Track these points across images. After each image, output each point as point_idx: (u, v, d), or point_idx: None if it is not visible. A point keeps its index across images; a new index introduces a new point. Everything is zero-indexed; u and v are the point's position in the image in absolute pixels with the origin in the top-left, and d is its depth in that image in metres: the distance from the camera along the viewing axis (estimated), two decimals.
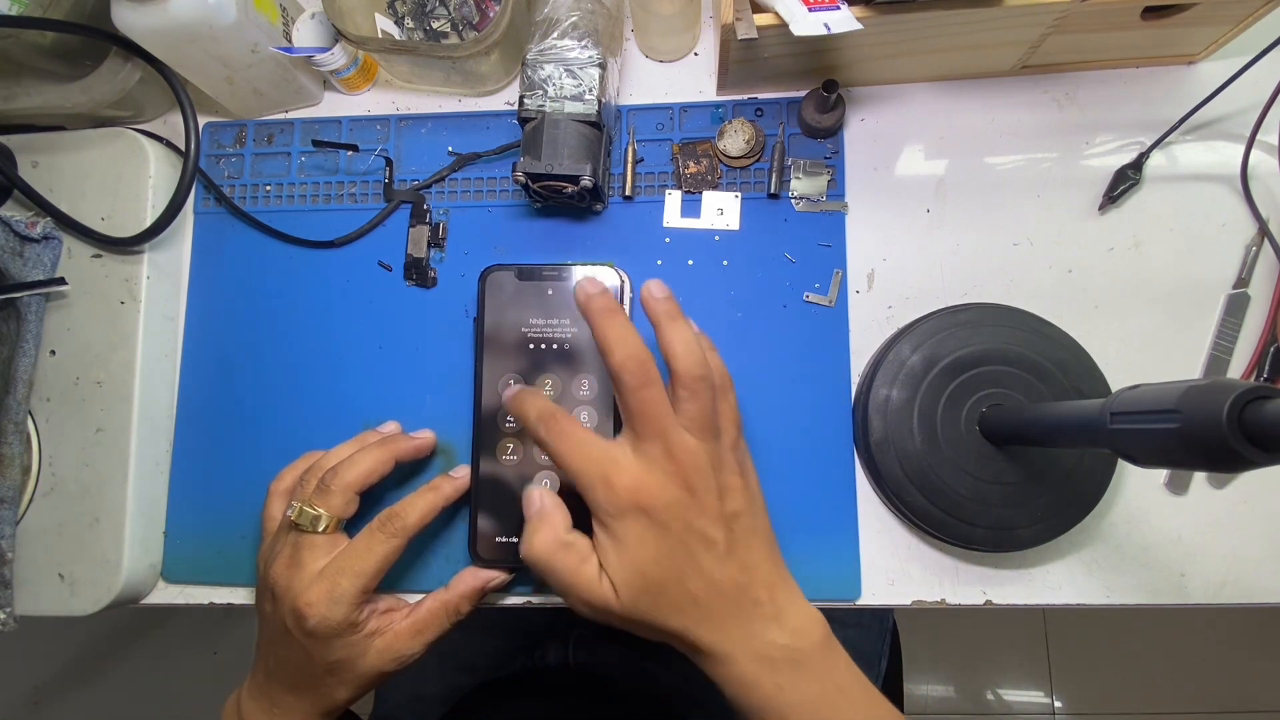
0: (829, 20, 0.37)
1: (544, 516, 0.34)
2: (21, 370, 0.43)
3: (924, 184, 0.46)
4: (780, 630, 0.33)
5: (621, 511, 0.32)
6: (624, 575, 0.32)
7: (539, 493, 0.35)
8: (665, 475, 0.32)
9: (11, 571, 0.43)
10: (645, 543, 0.32)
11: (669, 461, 0.32)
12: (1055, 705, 1.26)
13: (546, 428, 0.33)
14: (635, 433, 0.33)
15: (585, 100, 0.41)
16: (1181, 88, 0.45)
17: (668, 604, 0.32)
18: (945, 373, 0.40)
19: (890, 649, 0.63)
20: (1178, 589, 0.41)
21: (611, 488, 0.32)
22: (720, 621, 0.32)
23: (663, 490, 0.32)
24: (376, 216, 0.47)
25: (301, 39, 0.46)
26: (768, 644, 0.32)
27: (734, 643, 0.32)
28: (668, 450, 0.32)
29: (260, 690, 0.40)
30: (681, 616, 0.32)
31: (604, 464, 0.32)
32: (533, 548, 0.33)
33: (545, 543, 0.33)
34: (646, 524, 0.32)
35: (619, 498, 0.32)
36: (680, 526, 0.32)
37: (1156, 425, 0.25)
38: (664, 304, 0.34)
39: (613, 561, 0.32)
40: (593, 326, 0.33)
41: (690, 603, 0.32)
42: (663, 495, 0.32)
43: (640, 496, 0.31)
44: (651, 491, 0.32)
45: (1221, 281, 0.43)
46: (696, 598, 0.32)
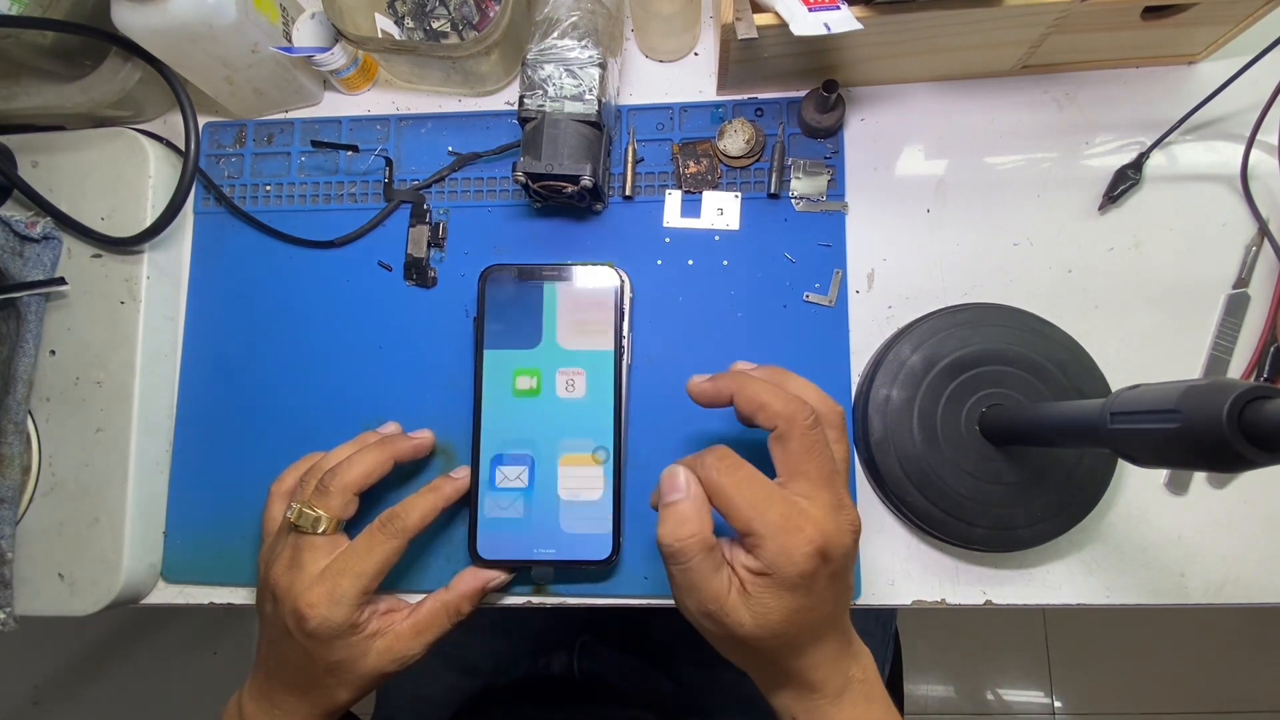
0: (829, 20, 0.37)
1: (693, 508, 0.31)
2: (21, 370, 0.43)
3: (924, 184, 0.46)
4: (857, 665, 0.33)
5: (807, 561, 0.30)
6: (775, 617, 0.30)
7: (685, 477, 0.32)
8: (842, 524, 0.31)
9: (11, 571, 0.43)
10: (812, 591, 0.31)
11: (840, 510, 0.31)
12: (1055, 705, 1.26)
13: (719, 470, 0.31)
14: (807, 477, 0.31)
15: (585, 100, 0.41)
16: (1181, 88, 0.45)
17: (796, 645, 0.32)
18: (945, 373, 0.40)
19: (893, 654, 0.63)
20: (1178, 589, 0.41)
21: (798, 532, 0.30)
22: (830, 660, 0.32)
23: (842, 538, 0.31)
24: (376, 216, 0.47)
25: (301, 39, 0.46)
26: (852, 679, 0.33)
27: (836, 679, 0.33)
28: (838, 498, 0.31)
29: (261, 691, 0.40)
30: (801, 657, 0.32)
31: (787, 508, 0.30)
32: (680, 539, 0.31)
33: (694, 539, 0.31)
34: (825, 575, 0.31)
35: (804, 545, 0.30)
36: (843, 574, 0.32)
37: (1156, 425, 0.25)
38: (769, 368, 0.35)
39: (768, 603, 0.30)
40: (735, 394, 0.33)
41: (814, 643, 0.32)
42: (842, 544, 0.31)
43: (824, 545, 0.30)
44: (835, 541, 0.31)
45: (1221, 281, 0.43)
46: (820, 638, 0.32)
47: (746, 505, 0.31)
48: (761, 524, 0.30)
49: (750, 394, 0.33)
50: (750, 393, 0.33)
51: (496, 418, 0.42)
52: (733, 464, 0.32)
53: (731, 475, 0.31)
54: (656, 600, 0.42)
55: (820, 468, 0.31)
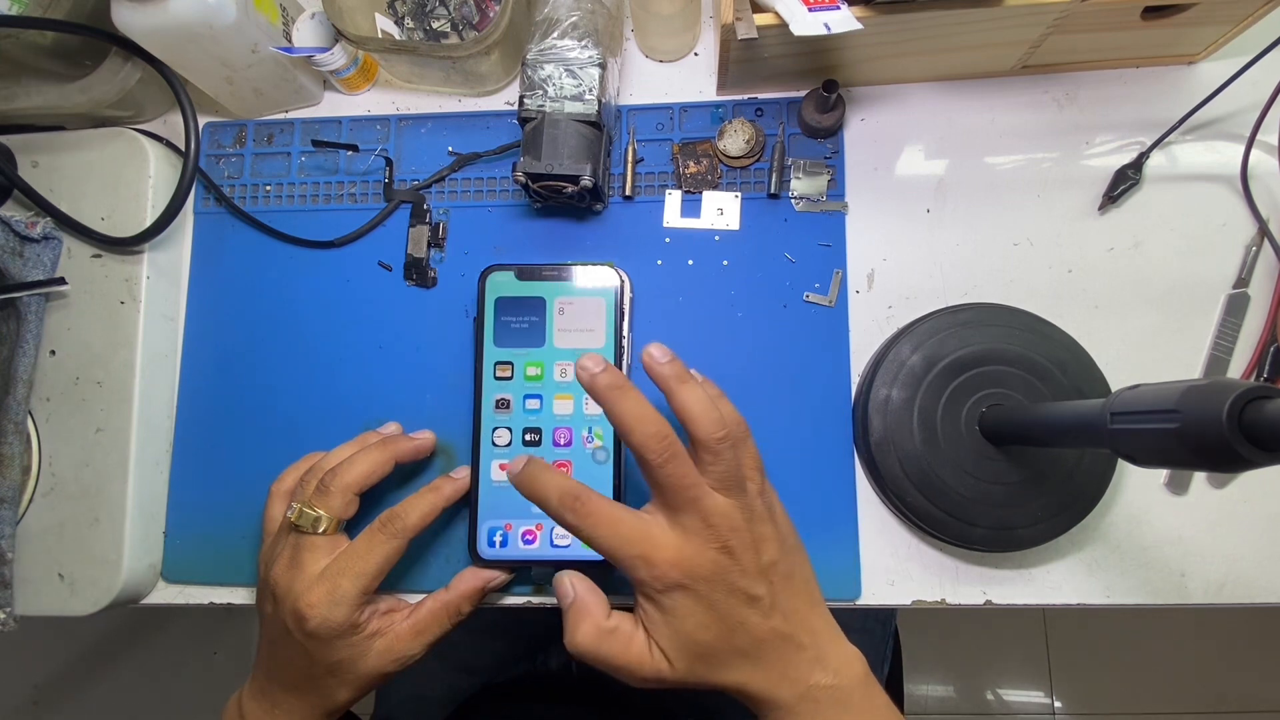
0: (829, 20, 0.37)
1: (582, 609, 0.33)
2: (21, 370, 0.43)
3: (924, 184, 0.46)
4: (824, 671, 0.33)
5: (666, 586, 0.31)
6: (676, 645, 0.32)
7: (569, 580, 0.34)
8: (704, 543, 0.32)
9: (11, 571, 0.43)
10: (693, 612, 0.32)
11: (706, 529, 0.32)
12: (1055, 705, 1.26)
13: (573, 511, 0.32)
14: (668, 505, 0.32)
15: (585, 100, 0.41)
16: (1181, 88, 0.45)
17: (720, 664, 0.32)
18: (945, 373, 0.40)
19: (892, 653, 0.63)
20: (1178, 589, 0.41)
21: (653, 564, 0.31)
22: (770, 671, 0.33)
23: (703, 559, 0.32)
24: (376, 216, 0.47)
25: (301, 39, 0.46)
26: (814, 686, 0.33)
27: (784, 689, 0.33)
28: (703, 518, 0.32)
29: (261, 691, 0.40)
30: (734, 673, 0.33)
31: (641, 543, 0.32)
32: (577, 642, 0.32)
33: (589, 635, 0.32)
34: (691, 595, 0.32)
35: (662, 573, 0.31)
36: (724, 590, 0.32)
37: (1156, 425, 0.25)
38: (669, 367, 0.34)
39: (664, 634, 0.32)
40: (604, 406, 0.33)
41: (740, 658, 0.32)
42: (704, 564, 0.32)
43: (683, 569, 0.31)
44: (693, 562, 0.31)
45: (1221, 281, 0.43)
46: (745, 652, 0.32)
47: (607, 543, 0.32)
48: (621, 556, 0.32)
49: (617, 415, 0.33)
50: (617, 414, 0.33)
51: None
52: (589, 508, 0.32)
53: (590, 522, 0.32)
54: None
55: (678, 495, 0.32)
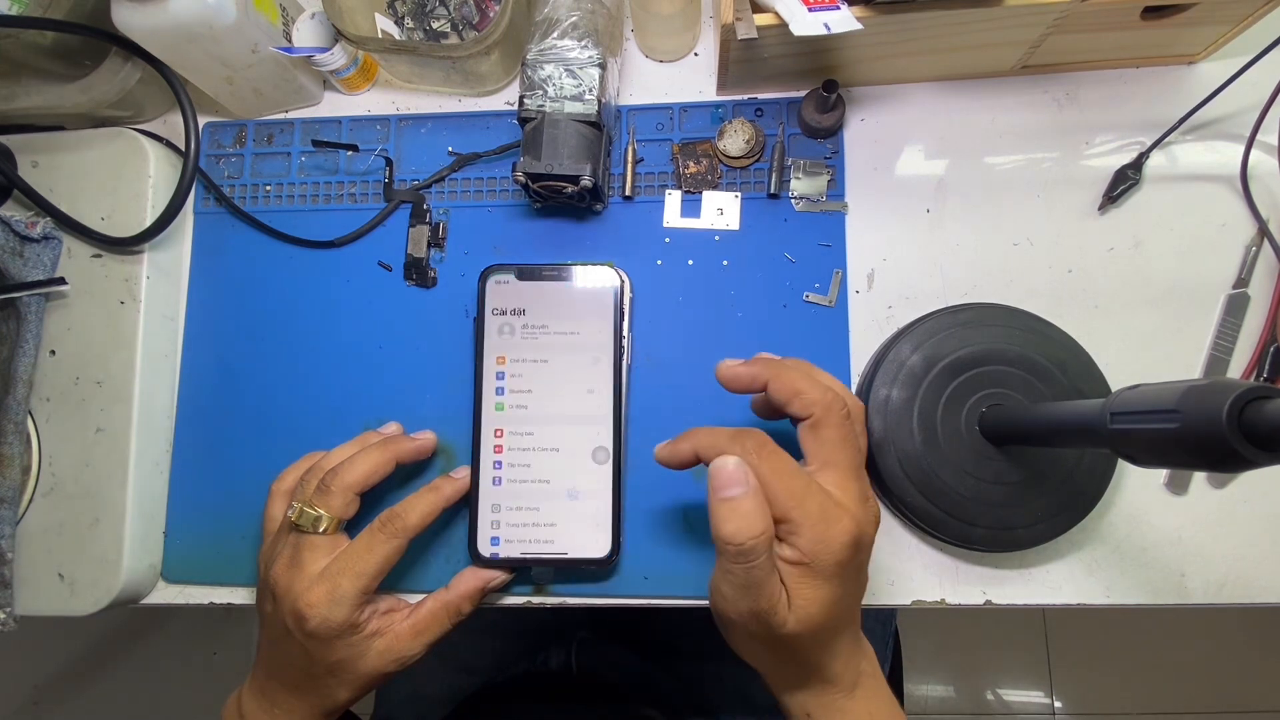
0: (829, 20, 0.37)
1: (757, 504, 0.30)
2: (21, 370, 0.43)
3: (924, 184, 0.46)
4: (865, 658, 0.34)
5: (844, 550, 0.30)
6: (814, 611, 0.30)
7: (743, 471, 0.30)
8: (869, 515, 0.32)
9: (11, 571, 0.43)
10: (846, 581, 0.31)
11: (866, 501, 0.32)
12: (1055, 705, 1.26)
13: (759, 455, 0.31)
14: (839, 468, 0.32)
15: (585, 100, 0.41)
16: (1181, 88, 0.45)
17: (824, 640, 0.32)
18: (945, 373, 0.40)
19: (893, 653, 0.63)
20: (1178, 589, 0.41)
21: (835, 522, 0.30)
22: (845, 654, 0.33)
23: (870, 529, 0.32)
24: (376, 216, 0.47)
25: (301, 39, 0.46)
26: (863, 673, 0.33)
27: (850, 673, 0.33)
28: (864, 489, 0.32)
29: (261, 690, 0.40)
30: (824, 652, 0.32)
31: (824, 498, 0.31)
32: (751, 534, 0.29)
33: (764, 533, 0.30)
34: (855, 566, 0.31)
35: (840, 534, 0.30)
36: (866, 565, 0.32)
37: (1156, 425, 0.25)
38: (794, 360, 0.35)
39: (809, 596, 0.30)
40: (771, 380, 0.33)
41: (835, 638, 0.32)
42: (869, 534, 0.32)
43: (857, 534, 0.31)
44: (866, 532, 0.31)
45: (1221, 281, 0.43)
46: (839, 633, 0.32)
47: (786, 493, 0.30)
48: (801, 513, 0.30)
49: (786, 381, 0.33)
50: (787, 380, 0.33)
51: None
52: (772, 451, 0.31)
53: (771, 462, 0.31)
54: (656, 600, 0.42)
55: (851, 459, 0.32)
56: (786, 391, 0.33)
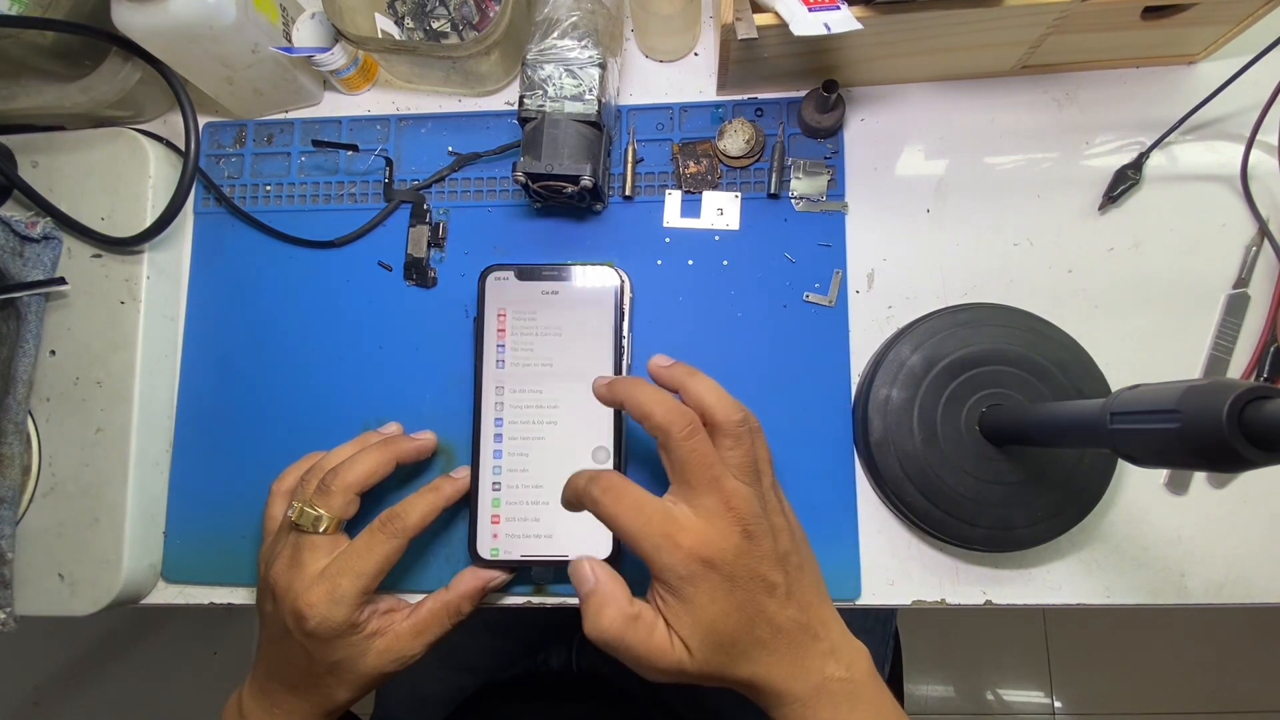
0: (829, 20, 0.37)
1: (606, 595, 0.32)
2: (21, 370, 0.43)
3: (924, 184, 0.46)
4: (837, 664, 0.33)
5: (690, 571, 0.31)
6: (698, 635, 0.31)
7: (589, 565, 0.33)
8: (726, 526, 0.31)
9: (11, 571, 0.43)
10: (715, 599, 0.31)
11: (726, 511, 0.32)
12: (1055, 705, 1.26)
13: (600, 488, 0.32)
14: (689, 485, 0.32)
15: (585, 100, 0.41)
16: (1181, 88, 0.45)
17: (739, 655, 0.32)
18: (945, 373, 0.40)
19: (893, 653, 0.63)
20: (1178, 589, 0.41)
21: (677, 547, 0.31)
22: (787, 663, 0.32)
23: (726, 542, 0.31)
24: (376, 216, 0.47)
25: (301, 39, 0.46)
26: (828, 679, 0.33)
27: (799, 681, 0.32)
28: (724, 500, 0.32)
29: (261, 690, 0.40)
30: (752, 664, 0.32)
31: (664, 523, 0.31)
32: (602, 628, 0.31)
33: (614, 621, 0.31)
34: (715, 579, 0.31)
35: (685, 557, 0.31)
36: (745, 575, 0.32)
37: (1156, 425, 0.25)
38: (678, 367, 0.35)
39: (685, 623, 0.31)
40: (624, 402, 0.34)
41: (759, 648, 0.32)
42: (726, 547, 0.31)
43: (706, 552, 0.31)
44: (716, 545, 0.31)
45: (1221, 281, 0.43)
46: (764, 642, 0.32)
47: (632, 528, 0.31)
48: (644, 545, 0.31)
49: (636, 403, 0.33)
50: (637, 400, 0.33)
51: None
52: (617, 491, 0.32)
53: (614, 505, 0.32)
54: None
55: (701, 474, 0.32)
56: (637, 414, 0.33)
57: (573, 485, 0.34)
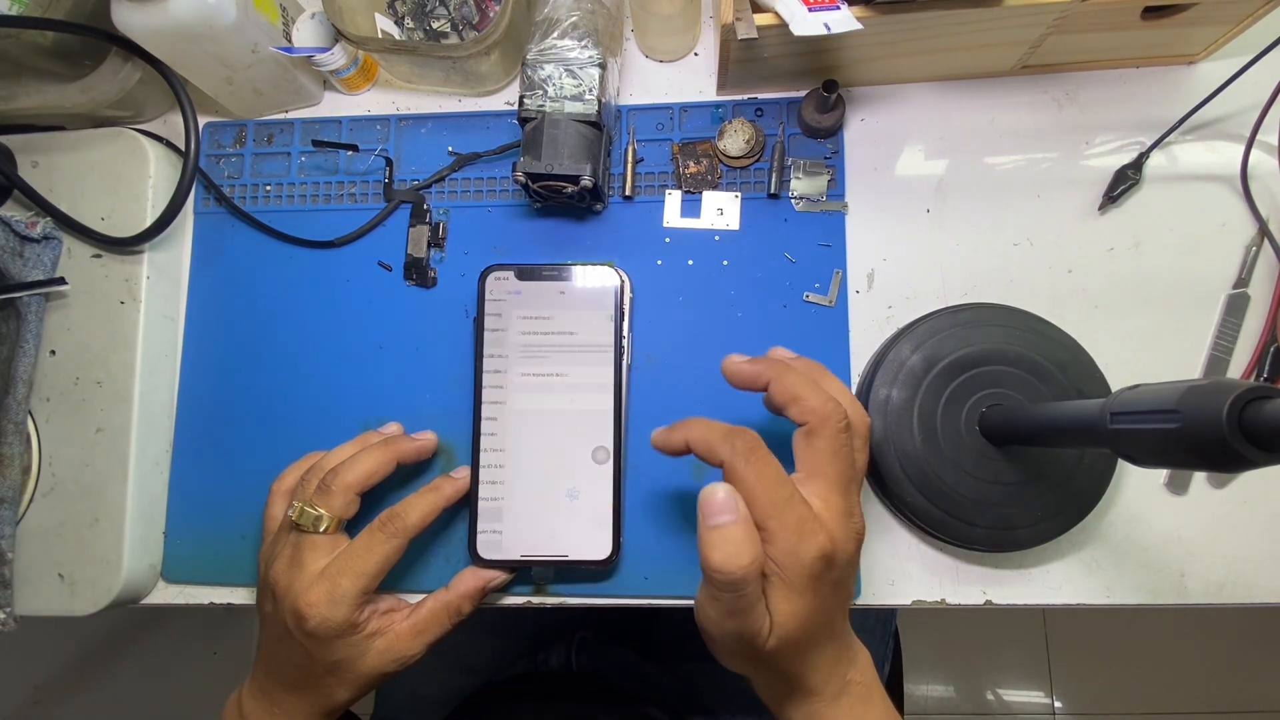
0: (829, 20, 0.37)
1: (746, 533, 0.29)
2: (21, 370, 0.43)
3: (924, 184, 0.46)
4: (854, 667, 0.33)
5: (812, 560, 0.30)
6: (791, 624, 0.30)
7: (732, 498, 0.30)
8: (849, 531, 0.31)
9: (11, 571, 0.43)
10: (819, 594, 0.31)
11: (849, 517, 0.32)
12: (1055, 705, 1.26)
13: (746, 446, 0.31)
14: (827, 480, 0.31)
15: (585, 100, 0.41)
16: (1181, 88, 0.45)
17: (805, 651, 0.32)
18: (945, 373, 0.40)
19: (893, 653, 0.63)
20: (1178, 589, 0.41)
21: (810, 535, 0.30)
22: (828, 664, 0.33)
23: (848, 546, 0.31)
24: (376, 216, 0.47)
25: (301, 39, 0.46)
26: (849, 681, 0.33)
27: (833, 683, 0.33)
28: (849, 506, 0.32)
29: (261, 690, 0.40)
30: (807, 663, 0.32)
31: (801, 506, 0.30)
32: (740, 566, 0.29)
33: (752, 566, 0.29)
34: (827, 578, 0.31)
35: (814, 547, 0.30)
36: (846, 580, 0.32)
37: (1156, 425, 0.25)
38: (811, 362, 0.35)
39: (784, 609, 0.30)
40: (773, 381, 0.33)
41: (817, 648, 0.32)
42: (848, 551, 0.31)
43: (831, 550, 0.30)
44: (840, 546, 0.31)
45: (1221, 281, 0.43)
46: (821, 643, 0.32)
47: (766, 501, 0.30)
48: (778, 523, 0.30)
49: (787, 384, 0.32)
50: (788, 383, 0.32)
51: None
52: (761, 456, 0.31)
53: (758, 469, 0.31)
54: (656, 600, 0.42)
55: (841, 472, 0.32)
56: (785, 395, 0.32)
57: (701, 432, 0.32)
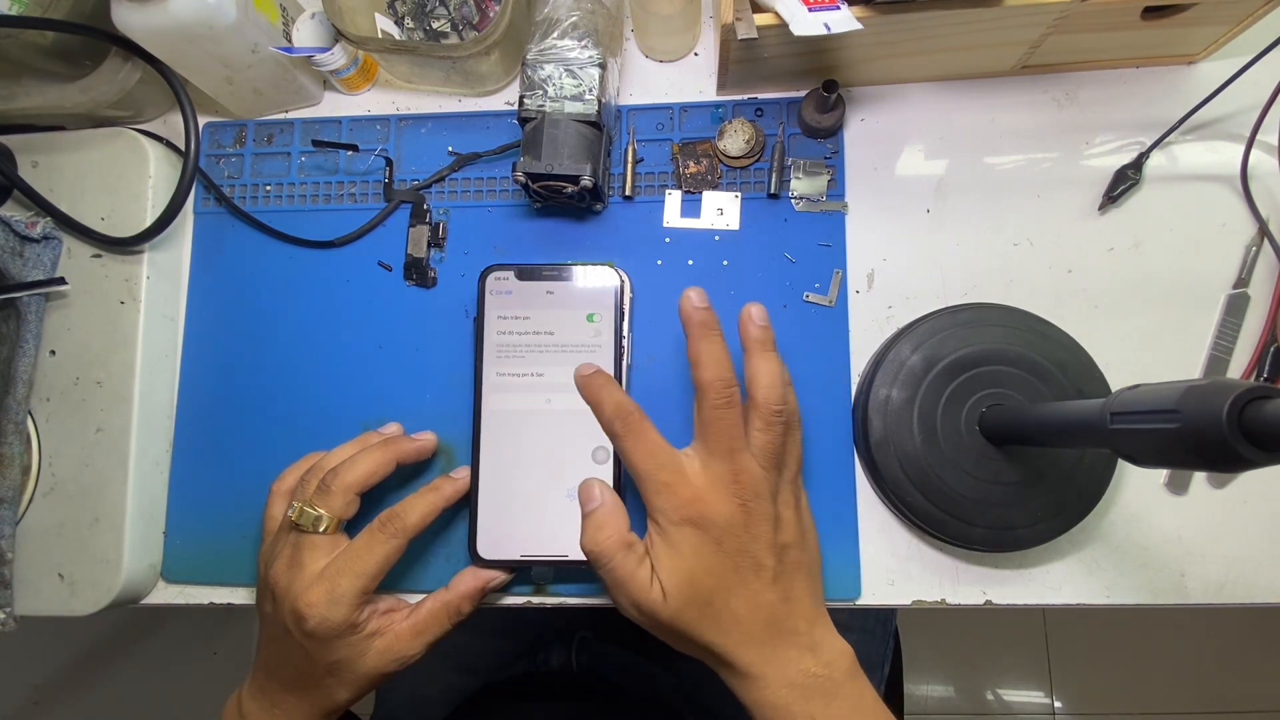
0: (829, 20, 0.37)
1: (608, 514, 0.34)
2: (21, 370, 0.43)
3: (924, 184, 0.46)
4: (814, 659, 0.33)
5: (681, 519, 0.33)
6: (675, 580, 0.33)
7: (599, 487, 0.35)
8: (727, 494, 0.33)
9: (11, 571, 0.43)
10: (699, 553, 0.33)
11: (732, 482, 0.33)
12: (1055, 705, 1.26)
13: (624, 424, 0.34)
14: (706, 448, 0.34)
15: (585, 100, 0.41)
16: (1181, 88, 0.45)
17: (712, 617, 0.33)
18: (945, 373, 0.40)
19: (893, 653, 0.63)
20: (1178, 589, 0.41)
21: (674, 494, 0.33)
22: (758, 643, 0.33)
23: (722, 507, 0.33)
24: (376, 216, 0.47)
25: (301, 39, 0.46)
26: (801, 671, 0.33)
27: (770, 666, 0.33)
28: (733, 471, 0.33)
29: (261, 690, 0.40)
30: (722, 633, 0.33)
31: (671, 470, 0.33)
32: (598, 543, 0.33)
33: (610, 539, 0.33)
34: (702, 536, 0.33)
35: (680, 505, 0.33)
36: (733, 546, 0.33)
37: (1156, 425, 0.25)
38: (761, 332, 0.36)
39: (666, 566, 0.33)
40: (690, 338, 0.35)
41: (732, 620, 0.33)
42: (722, 512, 0.33)
43: (700, 508, 0.33)
44: (711, 506, 0.33)
45: (1221, 281, 0.43)
46: (739, 617, 0.33)
47: (642, 465, 0.33)
48: (649, 480, 0.33)
49: (694, 349, 0.34)
50: (695, 349, 0.34)
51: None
52: (637, 427, 0.34)
53: (634, 439, 0.34)
54: None
55: (720, 442, 0.33)
56: (691, 357, 0.35)
57: (599, 405, 0.35)
